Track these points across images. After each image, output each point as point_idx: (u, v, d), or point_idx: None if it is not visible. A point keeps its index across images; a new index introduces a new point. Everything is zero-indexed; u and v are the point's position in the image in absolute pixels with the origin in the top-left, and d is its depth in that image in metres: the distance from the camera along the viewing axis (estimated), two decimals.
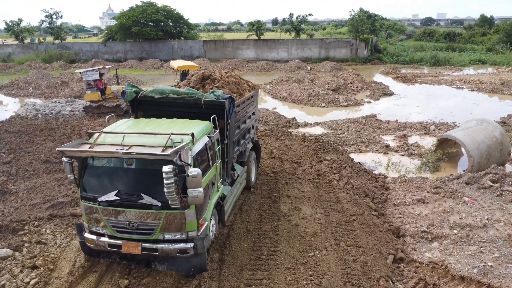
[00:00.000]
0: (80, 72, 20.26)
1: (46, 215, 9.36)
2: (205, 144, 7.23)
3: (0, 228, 8.83)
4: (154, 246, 6.69)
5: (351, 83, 29.58)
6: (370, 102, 24.99)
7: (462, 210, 9.70)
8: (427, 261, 7.63)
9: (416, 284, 6.94)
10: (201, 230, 6.91)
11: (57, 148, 6.70)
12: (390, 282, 6.85)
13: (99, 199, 6.69)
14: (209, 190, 7.29)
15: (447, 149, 13.56)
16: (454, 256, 7.90)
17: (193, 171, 6.12)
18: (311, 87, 26.31)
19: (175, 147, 6.20)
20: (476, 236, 8.51)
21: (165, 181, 5.98)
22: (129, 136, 6.79)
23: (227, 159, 8.56)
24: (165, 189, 6.02)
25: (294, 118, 20.13)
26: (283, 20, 53.18)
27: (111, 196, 6.64)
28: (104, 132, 7.06)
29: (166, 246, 6.68)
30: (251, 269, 7.03)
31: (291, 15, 51.45)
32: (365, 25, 46.14)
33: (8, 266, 7.60)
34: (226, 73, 10.43)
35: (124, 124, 7.62)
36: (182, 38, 52.19)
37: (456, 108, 22.74)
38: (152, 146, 6.42)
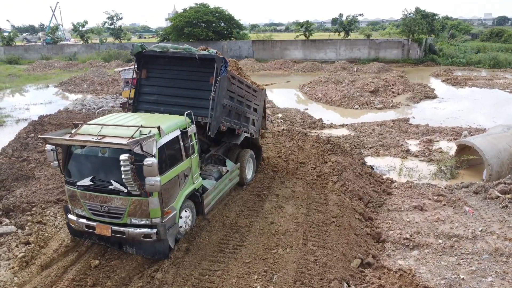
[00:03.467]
0: (118, 71, 21.69)
1: (54, 199, 10.33)
2: (177, 138, 7.64)
3: (14, 208, 9.94)
4: (122, 229, 7.23)
5: (393, 85, 28.51)
6: (408, 105, 23.95)
7: (458, 219, 9.18)
8: (396, 268, 7.38)
9: None
10: (167, 218, 7.32)
11: (39, 136, 7.47)
12: (345, 285, 6.74)
13: (77, 183, 7.37)
14: (179, 181, 7.67)
15: (463, 155, 12.74)
16: (428, 265, 7.56)
17: (148, 160, 6.56)
18: (347, 88, 25.78)
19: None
20: (461, 247, 8.04)
21: (122, 168, 6.50)
22: (106, 128, 7.40)
23: (212, 113, 8.83)
24: (123, 176, 6.54)
25: (321, 119, 19.93)
26: (332, 20, 52.23)
27: (87, 181, 7.30)
28: (86, 124, 7.75)
29: (132, 230, 7.19)
30: (211, 260, 7.31)
31: (341, 15, 50.51)
32: (419, 25, 43.94)
33: (9, 240, 8.58)
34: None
35: (110, 117, 8.28)
36: (233, 38, 53.35)
37: (502, 114, 21.09)
38: (122, 137, 6.94)
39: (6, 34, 62.11)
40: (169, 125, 7.63)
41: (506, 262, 7.46)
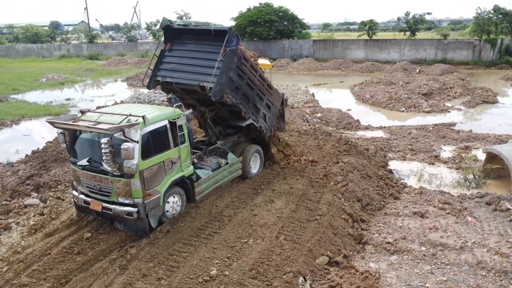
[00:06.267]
0: None
1: None
2: (164, 127, 8.28)
3: (44, 184, 11.36)
4: (110, 206, 8.05)
5: (450, 87, 26.75)
6: (461, 110, 22.39)
7: (455, 229, 8.70)
8: (363, 270, 7.28)
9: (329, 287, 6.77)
10: (150, 199, 8.00)
11: (45, 120, 8.55)
12: (301, 279, 6.83)
13: (77, 163, 8.34)
14: (165, 167, 8.30)
15: (488, 164, 11.80)
16: (399, 271, 7.35)
17: (124, 144, 7.27)
18: (395, 90, 24.76)
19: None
20: (443, 257, 7.66)
21: (102, 151, 7.29)
22: (105, 115, 8.28)
23: (216, 78, 9.28)
24: (103, 157, 7.33)
25: (358, 120, 19.50)
26: (398, 19, 49.79)
27: (84, 162, 8.25)
28: (90, 111, 8.72)
29: (117, 207, 7.99)
30: (184, 243, 7.83)
31: (407, 14, 48.06)
32: (495, 24, 40.32)
33: (31, 211, 9.89)
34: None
35: (114, 106, 9.23)
36: (295, 38, 53.36)
37: None
38: (113, 124, 7.74)
39: (90, 32, 68.42)
40: (157, 115, 8.29)
41: (485, 276, 6.99)
